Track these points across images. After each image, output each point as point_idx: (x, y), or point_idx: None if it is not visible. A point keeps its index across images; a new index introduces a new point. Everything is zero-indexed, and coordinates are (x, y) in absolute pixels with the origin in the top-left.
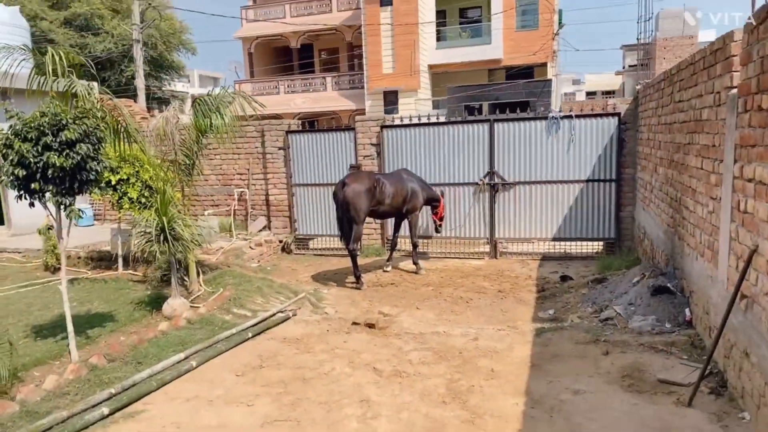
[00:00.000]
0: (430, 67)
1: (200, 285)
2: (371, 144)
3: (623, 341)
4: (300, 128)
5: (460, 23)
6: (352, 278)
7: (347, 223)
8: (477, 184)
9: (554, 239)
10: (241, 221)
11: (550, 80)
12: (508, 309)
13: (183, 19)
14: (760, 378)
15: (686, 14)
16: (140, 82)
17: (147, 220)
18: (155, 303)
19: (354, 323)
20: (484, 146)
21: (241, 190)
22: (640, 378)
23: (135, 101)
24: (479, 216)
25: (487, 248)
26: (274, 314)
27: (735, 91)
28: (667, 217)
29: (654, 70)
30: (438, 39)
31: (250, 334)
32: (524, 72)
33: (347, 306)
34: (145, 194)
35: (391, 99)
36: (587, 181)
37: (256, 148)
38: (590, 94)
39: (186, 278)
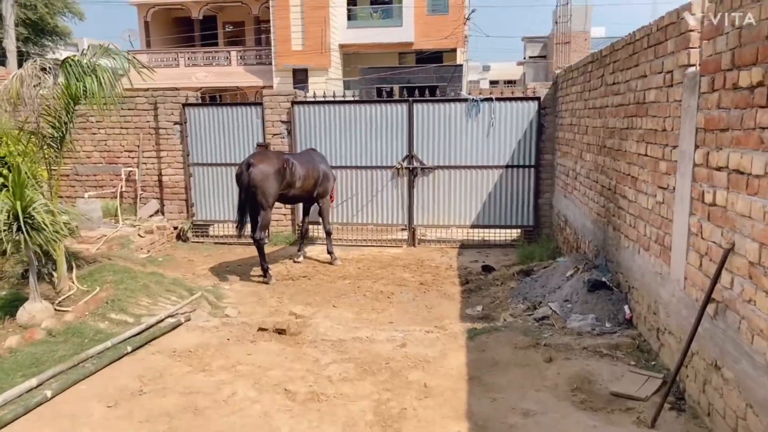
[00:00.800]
0: (341, 46)
1: (72, 282)
2: (281, 121)
3: (565, 345)
4: (199, 101)
5: (371, 3)
6: (258, 270)
7: (252, 209)
8: (395, 167)
9: (473, 226)
10: (130, 205)
11: (461, 65)
12: (433, 305)
13: None
14: (739, 398)
15: (587, 8)
16: (10, 44)
17: None
18: (10, 307)
19: (261, 329)
20: (403, 128)
21: (130, 169)
22: (591, 391)
23: (4, 66)
24: (397, 201)
25: (405, 235)
26: (162, 320)
27: (694, 69)
28: (598, 206)
29: (552, 60)
30: (349, 18)
31: (129, 348)
32: (434, 56)
33: (253, 305)
34: (3, 173)
35: (300, 77)
36: (506, 166)
37: (148, 122)
38: (493, 82)
39: (55, 273)
